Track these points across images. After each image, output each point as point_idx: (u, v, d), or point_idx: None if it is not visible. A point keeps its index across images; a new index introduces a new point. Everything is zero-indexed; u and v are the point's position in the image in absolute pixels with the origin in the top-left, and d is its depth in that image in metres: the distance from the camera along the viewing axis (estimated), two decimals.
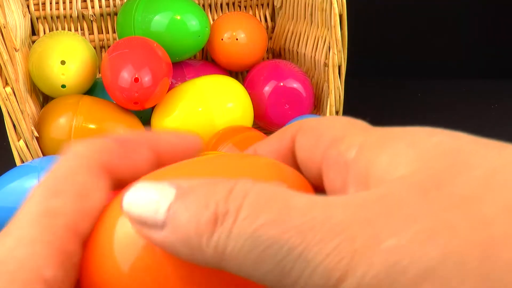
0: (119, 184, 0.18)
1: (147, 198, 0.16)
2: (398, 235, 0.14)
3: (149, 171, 0.19)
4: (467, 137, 0.16)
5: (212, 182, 0.16)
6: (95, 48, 0.69)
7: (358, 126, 0.20)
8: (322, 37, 0.61)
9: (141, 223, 0.16)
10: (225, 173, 0.18)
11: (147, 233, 0.16)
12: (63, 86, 0.57)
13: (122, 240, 0.17)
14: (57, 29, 0.69)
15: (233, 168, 0.18)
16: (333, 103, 0.59)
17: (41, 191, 0.17)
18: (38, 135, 0.53)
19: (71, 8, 0.68)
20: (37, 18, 0.68)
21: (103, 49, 0.70)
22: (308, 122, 0.20)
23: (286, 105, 0.61)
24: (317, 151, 0.19)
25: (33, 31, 0.68)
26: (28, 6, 0.67)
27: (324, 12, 0.59)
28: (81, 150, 0.18)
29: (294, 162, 0.20)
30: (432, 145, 0.16)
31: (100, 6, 0.68)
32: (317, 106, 0.64)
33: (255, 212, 0.15)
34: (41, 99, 0.62)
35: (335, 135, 0.19)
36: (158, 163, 0.19)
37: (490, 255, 0.13)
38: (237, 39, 0.65)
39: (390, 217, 0.14)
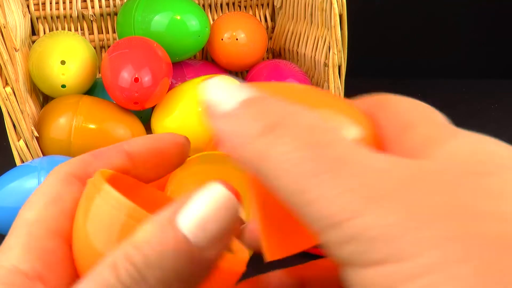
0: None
1: (229, 85, 0.18)
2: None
3: (121, 170, 0.21)
4: None
5: (282, 101, 0.17)
6: (95, 48, 0.69)
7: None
8: (322, 37, 0.61)
9: (212, 103, 0.17)
10: (313, 102, 0.19)
11: (213, 114, 0.17)
12: (63, 86, 0.57)
13: (94, 217, 0.18)
14: (57, 29, 0.69)
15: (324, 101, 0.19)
16: None
17: (22, 208, 0.21)
18: (38, 135, 0.53)
19: (71, 8, 0.68)
20: (37, 18, 0.68)
21: (103, 49, 0.70)
22: (390, 100, 0.21)
23: None
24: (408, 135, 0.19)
25: (33, 31, 0.68)
26: (28, 6, 0.67)
27: (324, 12, 0.59)
28: (56, 168, 0.21)
29: None
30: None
31: (100, 6, 0.68)
32: None
33: (306, 136, 0.16)
34: (41, 99, 0.62)
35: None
36: (132, 164, 0.22)
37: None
38: (237, 39, 0.65)
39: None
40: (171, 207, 0.17)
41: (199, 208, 0.16)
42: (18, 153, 0.52)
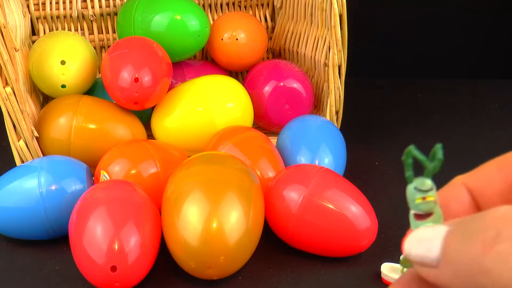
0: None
1: (422, 239, 0.17)
2: None
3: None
4: None
5: (478, 214, 0.17)
6: (95, 48, 0.69)
7: None
8: (322, 37, 0.61)
9: (420, 263, 0.17)
10: None
11: (426, 271, 0.17)
12: (63, 86, 0.57)
13: None
14: (57, 29, 0.69)
15: None
16: (333, 103, 0.59)
17: None
18: (38, 135, 0.53)
19: (71, 8, 0.68)
20: (37, 18, 0.68)
21: (103, 49, 0.70)
22: None
23: (286, 105, 0.61)
24: None
25: (33, 31, 0.68)
26: (28, 6, 0.67)
27: (324, 12, 0.59)
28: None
29: None
30: None
31: (100, 6, 0.68)
32: (317, 106, 0.64)
33: None
34: (41, 99, 0.62)
35: None
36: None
37: None
38: (237, 39, 0.65)
39: None
40: None
41: None
42: (18, 153, 0.52)
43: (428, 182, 0.19)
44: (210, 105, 0.57)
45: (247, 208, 0.42)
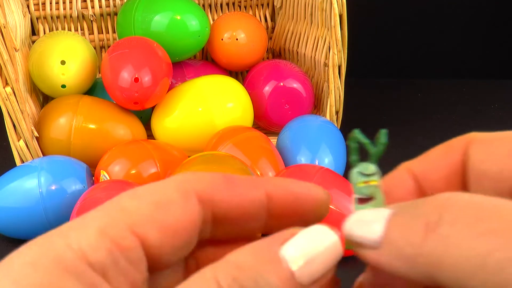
0: (226, 218, 0.18)
1: (364, 221, 0.17)
2: None
3: (257, 211, 0.19)
4: None
5: (423, 198, 0.17)
6: (95, 48, 0.69)
7: None
8: (322, 37, 0.61)
9: (360, 244, 0.17)
10: None
11: (365, 253, 0.17)
12: (63, 86, 0.57)
13: None
14: (57, 29, 0.69)
15: None
16: (333, 103, 0.59)
17: (127, 191, 0.18)
18: (38, 135, 0.53)
19: (71, 8, 0.68)
20: (37, 18, 0.68)
21: (103, 49, 0.70)
22: (482, 134, 0.19)
23: (286, 105, 0.61)
24: (509, 161, 0.18)
25: (33, 31, 0.68)
26: (28, 6, 0.67)
27: (324, 12, 0.59)
28: (182, 176, 0.18)
29: (462, 177, 0.19)
30: None
31: (100, 6, 0.68)
32: (317, 106, 0.64)
33: (475, 220, 0.15)
34: (41, 99, 0.62)
35: None
36: (270, 207, 0.19)
37: None
38: (237, 39, 0.65)
39: None
40: (275, 237, 0.17)
41: (305, 245, 0.16)
42: (18, 153, 0.52)
43: (371, 167, 0.19)
44: (210, 105, 0.57)
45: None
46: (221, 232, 0.19)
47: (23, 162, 0.52)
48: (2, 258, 0.17)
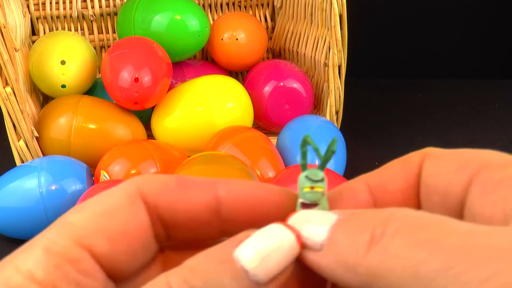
0: (176, 222, 0.18)
1: (309, 220, 0.17)
2: None
3: (206, 215, 0.18)
4: None
5: (372, 210, 0.17)
6: (95, 48, 0.69)
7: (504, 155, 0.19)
8: (322, 37, 0.61)
9: (302, 243, 0.17)
10: None
11: (306, 254, 0.17)
12: (63, 86, 0.57)
13: None
14: (57, 29, 0.69)
15: None
16: (333, 103, 0.59)
17: (75, 206, 0.18)
18: (38, 135, 0.53)
19: (71, 8, 0.68)
20: (37, 18, 0.68)
21: (103, 49, 0.70)
22: (435, 150, 0.19)
23: (286, 105, 0.61)
24: (460, 176, 0.18)
25: (33, 31, 0.68)
26: (28, 6, 0.67)
27: (324, 12, 0.59)
28: (131, 181, 0.19)
29: (418, 191, 0.19)
30: None
31: (100, 6, 0.68)
32: (317, 106, 0.64)
33: (413, 233, 0.15)
34: (41, 99, 0.62)
35: (488, 160, 0.18)
36: (219, 209, 0.19)
37: None
38: (237, 39, 0.65)
39: None
40: (229, 240, 0.17)
41: (260, 244, 0.17)
42: (18, 153, 0.52)
43: (320, 173, 0.19)
44: (210, 105, 0.57)
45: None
46: (180, 238, 0.19)
47: (23, 162, 0.52)
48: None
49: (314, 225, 0.17)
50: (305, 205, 0.19)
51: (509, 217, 0.16)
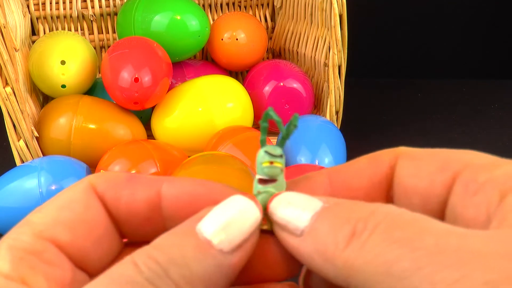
0: (127, 217, 0.19)
1: (292, 204, 0.17)
2: None
3: (147, 211, 0.19)
4: None
5: (358, 202, 0.17)
6: (95, 48, 0.69)
7: (484, 156, 0.18)
8: (322, 37, 0.61)
9: (282, 226, 0.17)
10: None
11: (285, 237, 0.17)
12: (63, 86, 0.57)
13: None
14: (57, 29, 0.69)
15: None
16: (333, 103, 0.59)
17: (37, 207, 0.19)
18: (38, 135, 0.53)
19: (71, 8, 0.68)
20: (37, 18, 0.68)
21: (103, 49, 0.70)
22: (409, 149, 0.19)
23: (286, 105, 0.61)
24: (442, 177, 0.18)
25: (33, 31, 0.68)
26: (28, 6, 0.67)
27: (324, 12, 0.59)
28: (89, 176, 0.19)
29: (387, 190, 0.19)
30: None
31: (100, 6, 0.68)
32: (317, 106, 0.64)
33: (391, 230, 0.15)
34: (41, 99, 0.62)
35: (471, 160, 0.18)
36: (159, 205, 0.19)
37: None
38: (237, 39, 0.65)
39: None
40: (192, 217, 0.17)
41: (220, 214, 0.17)
42: (18, 153, 0.52)
43: (278, 149, 0.19)
44: (210, 105, 0.57)
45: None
46: (137, 232, 0.19)
47: (23, 162, 0.52)
48: None
49: (298, 209, 0.17)
50: (263, 181, 0.19)
51: (492, 220, 0.16)
